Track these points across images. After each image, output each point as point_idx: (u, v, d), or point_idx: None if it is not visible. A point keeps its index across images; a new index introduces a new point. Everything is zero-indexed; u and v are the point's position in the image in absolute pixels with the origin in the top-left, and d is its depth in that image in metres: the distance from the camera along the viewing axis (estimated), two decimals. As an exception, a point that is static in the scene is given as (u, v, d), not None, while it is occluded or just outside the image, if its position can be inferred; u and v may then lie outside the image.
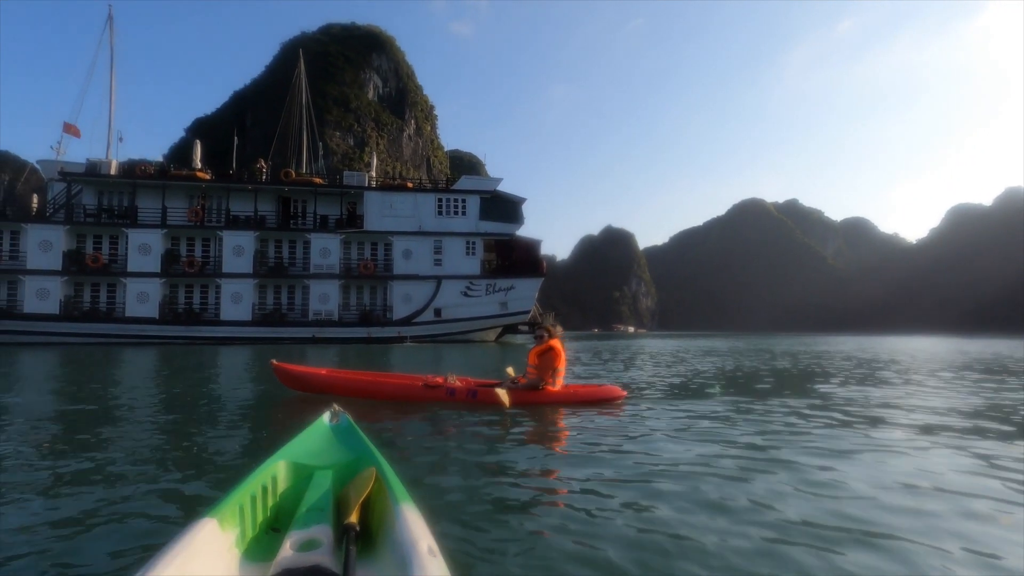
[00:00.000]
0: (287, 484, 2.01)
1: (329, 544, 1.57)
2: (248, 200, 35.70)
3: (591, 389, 7.04)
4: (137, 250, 33.56)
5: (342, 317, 35.13)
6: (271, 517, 1.89)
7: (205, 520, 1.58)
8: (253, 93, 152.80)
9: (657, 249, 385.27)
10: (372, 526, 1.79)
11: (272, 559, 1.57)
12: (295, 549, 1.53)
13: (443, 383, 6.63)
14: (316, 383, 7.15)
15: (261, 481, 1.92)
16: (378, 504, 1.83)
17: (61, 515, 2.78)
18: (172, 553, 1.36)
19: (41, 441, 4.75)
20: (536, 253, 38.25)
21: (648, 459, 4.04)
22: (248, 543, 1.74)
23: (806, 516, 2.78)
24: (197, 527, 1.53)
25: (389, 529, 1.65)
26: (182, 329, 33.15)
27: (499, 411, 6.04)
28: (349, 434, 2.52)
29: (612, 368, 13.41)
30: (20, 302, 32.17)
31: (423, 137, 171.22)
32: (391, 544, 1.57)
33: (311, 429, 2.54)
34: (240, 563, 1.63)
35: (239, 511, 1.75)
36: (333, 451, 2.33)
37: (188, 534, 1.48)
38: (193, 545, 1.44)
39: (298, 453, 2.21)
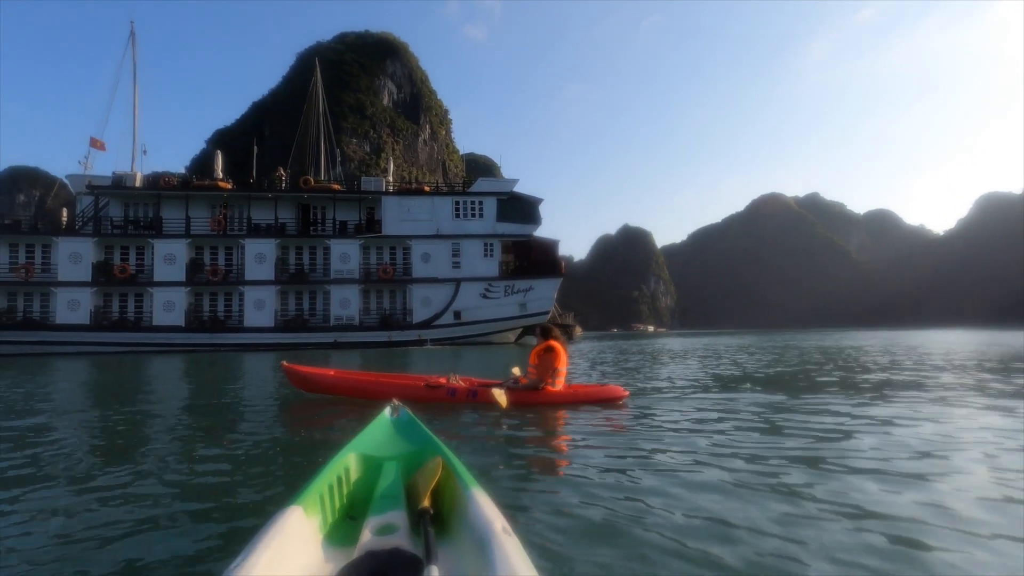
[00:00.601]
0: (358, 474, 2.16)
1: (405, 528, 1.68)
2: (269, 208, 36.22)
3: (592, 389, 6.98)
4: (163, 260, 34.25)
5: (363, 321, 35.40)
6: (347, 505, 2.02)
7: (292, 508, 1.70)
8: (271, 103, 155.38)
9: (675, 247, 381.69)
10: (444, 510, 1.90)
11: (350, 544, 1.70)
12: (375, 533, 1.63)
13: (445, 383, 6.65)
14: (324, 384, 7.29)
15: (336, 472, 2.05)
16: (448, 490, 1.94)
17: (118, 518, 2.84)
18: (268, 537, 1.48)
19: (94, 447, 4.83)
20: (554, 253, 38.12)
21: (641, 456, 3.98)
22: (329, 529, 1.86)
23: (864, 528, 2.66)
24: (285, 514, 1.64)
25: (462, 512, 1.75)
26: (207, 336, 33.71)
27: (498, 411, 6.01)
28: (410, 427, 2.71)
29: (624, 368, 13.25)
30: (52, 313, 33.05)
31: (438, 141, 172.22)
32: (466, 526, 1.66)
33: (375, 423, 2.71)
34: (324, 547, 1.74)
35: (320, 499, 1.87)
36: (398, 443, 2.50)
37: (279, 521, 1.60)
38: (284, 531, 1.56)
39: (366, 445, 2.37)
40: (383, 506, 1.81)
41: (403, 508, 1.80)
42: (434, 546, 1.48)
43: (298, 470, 3.88)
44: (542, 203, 38.48)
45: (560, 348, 6.59)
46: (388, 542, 1.58)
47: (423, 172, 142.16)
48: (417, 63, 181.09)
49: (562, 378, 6.66)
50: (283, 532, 1.54)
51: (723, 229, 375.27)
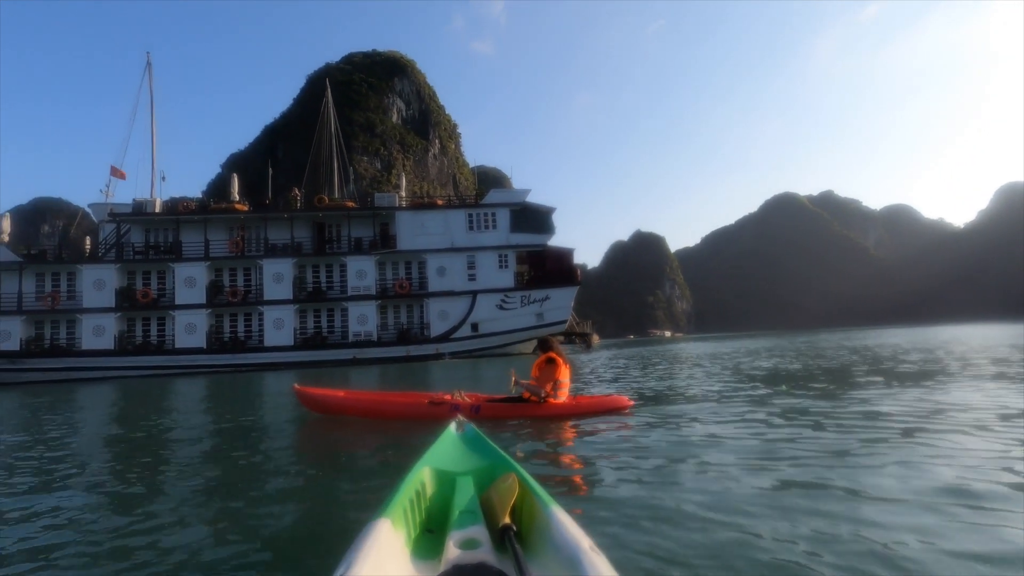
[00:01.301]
0: (433, 489, 2.19)
1: (488, 544, 1.68)
2: (285, 228, 36.67)
3: (596, 400, 6.92)
4: (183, 283, 34.79)
5: (381, 337, 35.53)
6: (425, 519, 2.05)
7: (381, 520, 1.74)
8: (283, 126, 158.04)
9: (689, 251, 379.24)
10: (523, 526, 1.88)
11: (434, 558, 1.73)
12: (459, 548, 1.65)
13: (448, 400, 6.64)
14: (334, 405, 7.34)
15: (413, 486, 2.09)
16: (526, 506, 1.93)
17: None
18: (365, 548, 1.53)
19: (135, 470, 4.85)
20: (569, 262, 38.02)
21: (656, 469, 3.83)
22: (413, 542, 1.89)
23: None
24: (377, 527, 1.69)
25: (544, 529, 1.73)
26: (228, 357, 34.07)
27: (499, 425, 5.95)
28: (477, 442, 2.75)
29: (638, 375, 13.09)
30: (78, 339, 33.68)
31: (448, 156, 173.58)
32: (551, 544, 1.64)
33: (442, 439, 2.76)
34: (411, 560, 1.76)
35: (403, 513, 1.91)
36: (468, 458, 2.53)
37: (372, 533, 1.64)
38: (378, 543, 1.60)
39: (438, 460, 2.41)
40: (463, 521, 1.83)
41: (482, 523, 1.81)
42: (525, 563, 1.47)
43: (334, 486, 3.84)
44: (555, 212, 38.50)
45: (561, 360, 6.54)
46: (473, 557, 1.60)
47: (434, 187, 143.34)
48: (424, 79, 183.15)
49: (565, 390, 6.62)
50: (377, 544, 1.59)
51: (737, 231, 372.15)
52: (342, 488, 3.89)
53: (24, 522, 3.36)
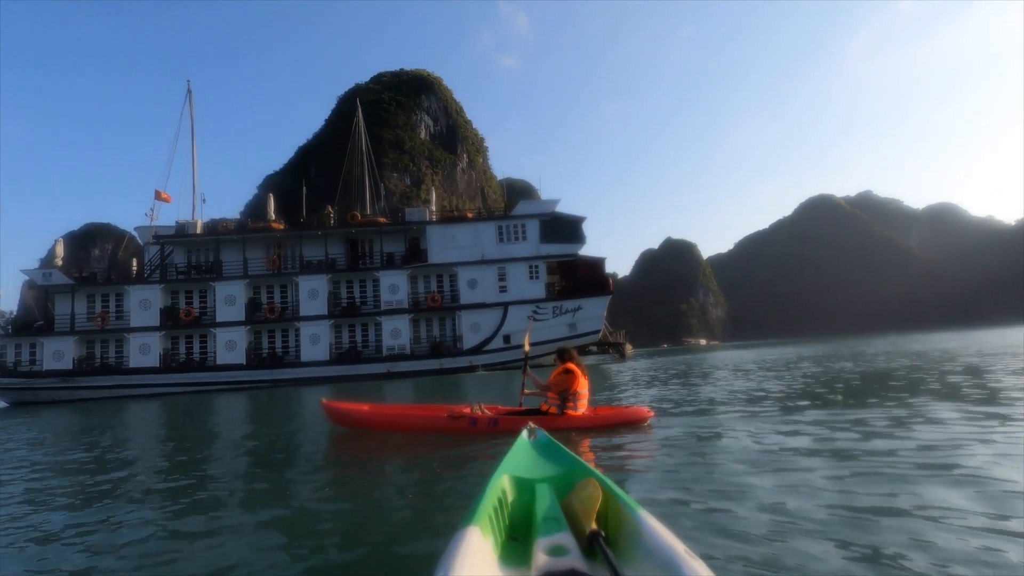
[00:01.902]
0: (513, 496, 2.21)
1: (576, 550, 1.67)
2: (319, 245, 37.46)
3: (616, 411, 6.84)
4: (224, 301, 35.82)
5: (414, 350, 35.78)
6: (509, 526, 2.06)
7: (471, 528, 1.75)
8: (315, 146, 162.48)
9: (722, 257, 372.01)
10: (611, 532, 1.87)
11: (523, 565, 1.74)
12: (547, 555, 1.65)
13: (468, 413, 6.74)
14: (359, 419, 7.52)
15: (495, 495, 2.11)
16: (612, 512, 1.92)
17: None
18: (460, 555, 1.56)
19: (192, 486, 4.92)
20: (601, 271, 37.65)
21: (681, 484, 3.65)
22: (500, 550, 1.90)
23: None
24: (467, 535, 1.71)
25: (635, 535, 1.72)
26: (267, 373, 34.82)
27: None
28: (552, 448, 2.76)
29: (674, 385, 12.72)
30: (126, 358, 34.97)
31: (476, 169, 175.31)
32: (644, 549, 1.63)
33: (517, 446, 2.79)
34: (501, 567, 1.77)
35: (489, 520, 1.92)
36: (544, 465, 2.54)
37: (464, 541, 1.66)
38: (471, 550, 1.62)
39: (515, 468, 2.43)
40: (548, 528, 1.81)
41: (567, 530, 1.79)
42: (622, 569, 1.46)
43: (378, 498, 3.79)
44: (585, 221, 38.26)
45: (578, 371, 6.52)
46: (563, 564, 1.59)
47: (462, 200, 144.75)
48: (451, 95, 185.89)
49: (583, 401, 6.58)
50: (470, 552, 1.61)
51: (771, 235, 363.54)
52: (392, 497, 3.90)
53: (81, 535, 3.46)
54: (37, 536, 3.58)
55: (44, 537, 3.54)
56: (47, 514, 4.14)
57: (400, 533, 3.17)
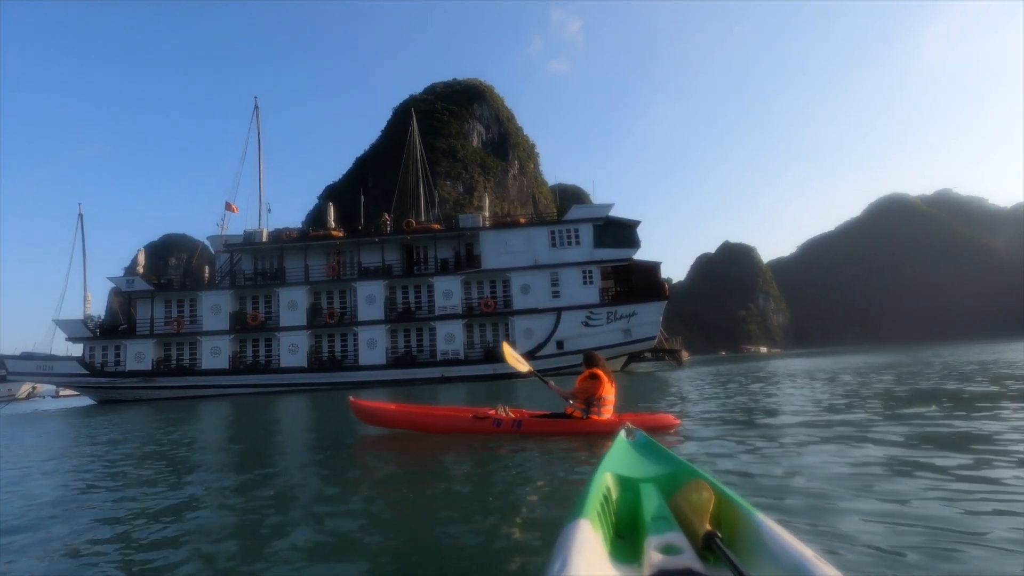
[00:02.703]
0: (618, 494, 2.20)
1: (690, 551, 1.64)
2: (376, 252, 38.49)
3: (641, 417, 6.71)
4: (287, 306, 37.37)
5: (467, 355, 36.06)
6: (615, 523, 2.05)
7: (581, 521, 1.74)
8: (372, 157, 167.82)
9: (783, 261, 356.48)
10: (725, 534, 1.81)
11: (632, 562, 1.74)
12: (660, 553, 1.63)
13: (492, 415, 6.85)
14: (385, 418, 7.71)
15: (600, 491, 2.11)
16: (726, 514, 1.88)
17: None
18: (575, 547, 1.55)
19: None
20: (656, 276, 36.77)
21: None
22: (610, 546, 1.88)
23: None
24: (578, 527, 1.70)
25: (754, 537, 1.68)
26: (326, 376, 35.99)
27: (541, 441, 6.12)
28: (652, 448, 2.77)
29: (736, 394, 12.08)
30: (199, 360, 37.05)
31: (527, 175, 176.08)
32: (766, 552, 1.59)
33: (616, 446, 2.82)
34: (611, 564, 1.74)
35: (597, 516, 1.91)
36: (647, 464, 2.52)
37: (575, 533, 1.65)
38: (586, 543, 1.61)
39: (617, 467, 2.42)
40: (658, 527, 1.79)
41: (679, 530, 1.77)
42: (745, 570, 1.41)
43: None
44: (640, 225, 37.52)
45: (604, 376, 6.56)
46: (677, 563, 1.57)
47: (514, 206, 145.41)
48: (503, 103, 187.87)
49: (609, 407, 6.61)
50: (583, 545, 1.59)
51: (838, 238, 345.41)
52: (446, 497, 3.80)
53: (153, 522, 3.62)
54: (109, 518, 3.86)
55: (107, 520, 3.84)
56: (114, 502, 4.34)
57: (450, 530, 3.18)
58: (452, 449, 6.17)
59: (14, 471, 6.81)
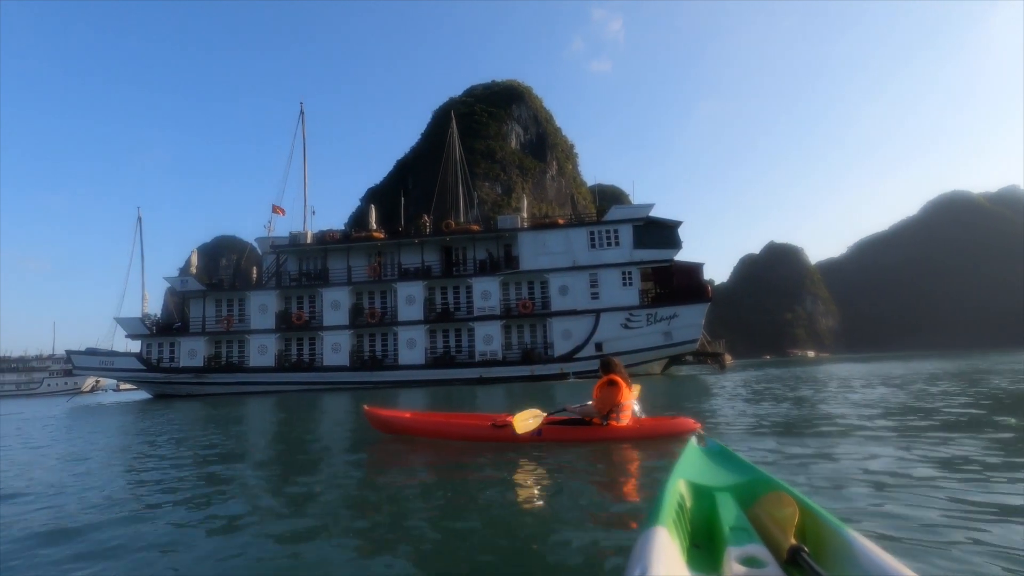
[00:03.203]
0: (692, 503, 2.15)
1: (773, 563, 1.61)
2: (416, 253, 39.00)
3: (660, 422, 6.74)
4: (330, 306, 38.29)
5: (505, 356, 36.09)
6: (690, 532, 2.01)
7: (658, 528, 1.71)
8: (412, 159, 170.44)
9: (833, 262, 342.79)
10: (811, 548, 1.73)
11: (708, 571, 1.71)
12: (741, 564, 1.60)
13: (511, 422, 6.56)
14: (400, 426, 7.59)
15: (674, 498, 2.06)
16: (810, 527, 1.81)
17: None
18: (654, 554, 1.52)
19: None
20: (698, 277, 35.89)
21: None
22: (686, 553, 1.84)
23: None
24: (655, 534, 1.67)
25: (846, 553, 1.60)
26: (368, 375, 36.67)
27: (564, 448, 6.11)
28: (726, 456, 2.68)
29: (785, 399, 11.56)
30: (247, 357, 38.39)
31: (565, 176, 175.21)
32: (860, 570, 1.51)
33: (688, 453, 2.71)
34: (689, 571, 1.69)
35: (673, 524, 1.87)
36: (721, 473, 2.44)
37: (653, 540, 1.63)
38: (661, 551, 1.57)
39: (690, 474, 2.36)
40: (738, 538, 1.75)
41: (760, 542, 1.72)
42: None
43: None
44: (681, 226, 36.73)
45: (622, 382, 6.43)
46: (759, 575, 1.54)
47: (552, 207, 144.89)
48: (541, 104, 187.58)
49: (628, 412, 6.51)
50: (661, 552, 1.56)
51: (892, 237, 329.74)
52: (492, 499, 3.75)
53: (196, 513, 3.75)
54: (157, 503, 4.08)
55: (149, 507, 4.14)
56: (161, 493, 4.47)
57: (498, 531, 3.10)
58: (482, 452, 6.15)
59: (80, 460, 7.15)
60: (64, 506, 4.41)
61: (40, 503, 4.58)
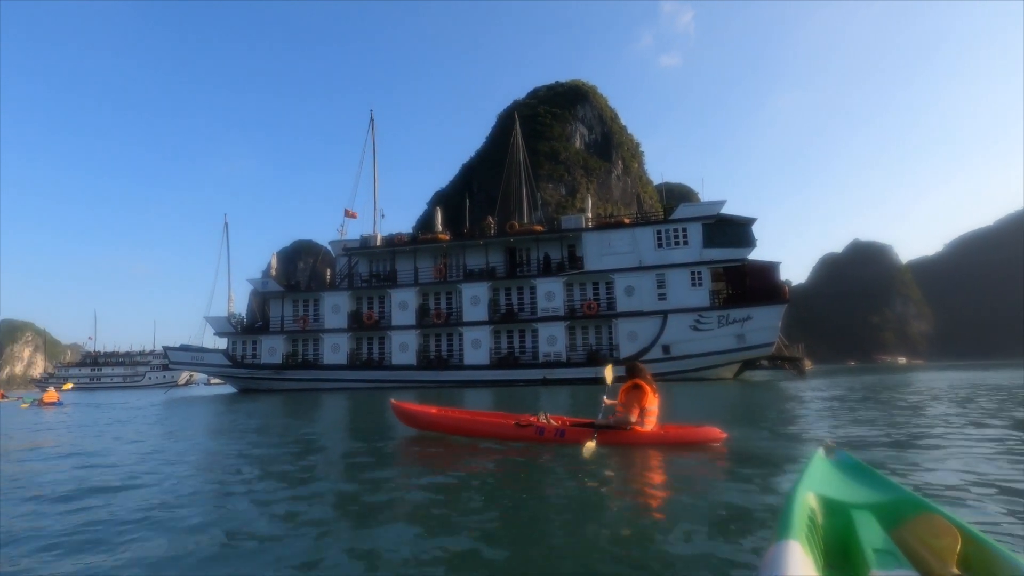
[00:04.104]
0: (824, 519, 2.01)
1: None
2: (480, 254, 39.40)
3: (685, 429, 6.61)
4: (398, 307, 39.42)
5: (570, 358, 35.72)
6: (824, 551, 1.89)
7: (791, 543, 1.61)
8: (477, 162, 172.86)
9: (928, 261, 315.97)
10: None
11: None
12: None
13: (535, 422, 6.78)
14: (426, 421, 7.74)
15: (803, 512, 1.93)
16: (975, 557, 1.66)
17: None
18: (789, 570, 1.43)
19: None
20: (773, 277, 33.92)
21: None
22: (822, 574, 1.73)
23: None
24: (788, 549, 1.56)
25: None
26: (433, 374, 37.40)
27: (580, 455, 5.92)
28: (859, 471, 2.45)
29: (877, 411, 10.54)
30: (321, 355, 40.20)
31: (631, 175, 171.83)
32: None
33: (814, 464, 2.50)
34: None
35: (805, 539, 1.75)
36: (856, 489, 2.25)
37: (786, 555, 1.53)
38: (799, 566, 1.48)
39: (820, 487, 2.19)
40: (884, 562, 1.62)
41: (911, 568, 1.59)
42: None
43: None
44: (755, 223, 34.93)
45: (647, 387, 6.47)
46: None
47: (617, 207, 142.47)
48: (606, 103, 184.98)
49: (652, 418, 6.51)
50: (799, 569, 1.46)
51: (996, 233, 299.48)
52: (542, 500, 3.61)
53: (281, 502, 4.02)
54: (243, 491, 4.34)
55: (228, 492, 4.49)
56: (242, 480, 4.62)
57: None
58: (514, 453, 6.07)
59: (171, 444, 7.64)
60: (166, 483, 5.11)
61: (147, 477, 5.42)
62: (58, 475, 5.74)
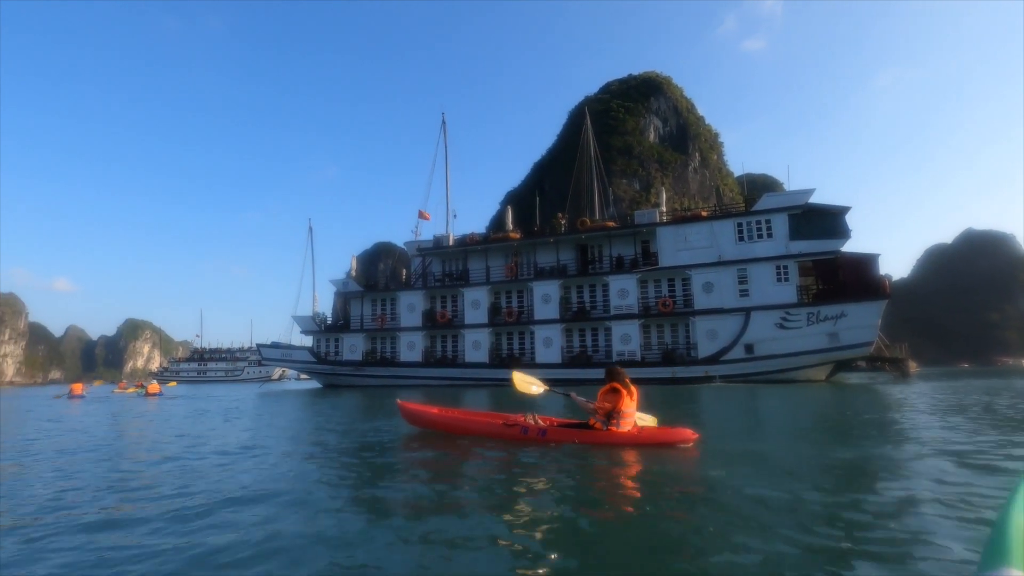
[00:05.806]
0: None
1: None
2: (551, 252, 39.08)
3: (659, 431, 6.98)
4: (470, 305, 39.93)
5: (644, 357, 34.61)
6: None
7: (1012, 571, 1.48)
8: (548, 161, 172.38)
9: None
10: None
11: None
12: None
13: (521, 422, 7.22)
14: (428, 420, 8.37)
15: (1020, 538, 1.67)
16: None
17: None
18: None
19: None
20: (872, 271, 31.01)
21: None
22: None
23: None
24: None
25: None
26: (506, 372, 37.32)
27: (563, 449, 6.52)
28: None
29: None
30: (398, 353, 41.52)
31: (709, 167, 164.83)
32: None
33: None
34: None
35: (1022, 565, 1.53)
36: None
37: None
38: None
39: None
40: None
41: None
42: None
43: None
44: (849, 212, 32.17)
45: (624, 390, 6.78)
46: None
47: (695, 201, 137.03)
48: (681, 94, 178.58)
49: (628, 419, 6.81)
50: None
51: None
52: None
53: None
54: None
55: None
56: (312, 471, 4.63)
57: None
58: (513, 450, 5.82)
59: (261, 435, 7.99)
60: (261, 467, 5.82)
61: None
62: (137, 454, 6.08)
